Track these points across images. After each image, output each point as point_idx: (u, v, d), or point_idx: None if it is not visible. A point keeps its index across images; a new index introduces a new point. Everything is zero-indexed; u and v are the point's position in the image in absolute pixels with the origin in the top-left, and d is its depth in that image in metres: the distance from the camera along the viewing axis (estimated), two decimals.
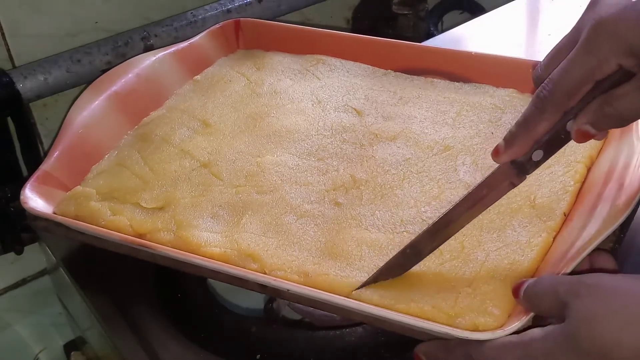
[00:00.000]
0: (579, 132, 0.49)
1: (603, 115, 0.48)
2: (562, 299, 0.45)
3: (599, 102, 0.48)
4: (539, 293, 0.48)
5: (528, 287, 0.49)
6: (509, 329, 0.48)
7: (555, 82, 0.49)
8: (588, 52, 0.47)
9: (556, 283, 0.47)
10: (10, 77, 0.83)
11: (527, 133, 0.50)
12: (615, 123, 0.49)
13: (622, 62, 0.46)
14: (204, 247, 0.60)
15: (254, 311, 0.69)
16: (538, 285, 0.48)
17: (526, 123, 0.50)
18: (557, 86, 0.49)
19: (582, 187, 0.63)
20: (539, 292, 0.48)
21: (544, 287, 0.48)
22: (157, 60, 0.81)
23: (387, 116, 0.75)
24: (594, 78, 0.47)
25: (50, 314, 1.04)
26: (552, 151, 0.51)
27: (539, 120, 0.50)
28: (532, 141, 0.51)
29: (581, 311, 0.44)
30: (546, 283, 0.48)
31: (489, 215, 0.61)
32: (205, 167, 0.69)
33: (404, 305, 0.53)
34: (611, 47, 0.46)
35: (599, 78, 0.47)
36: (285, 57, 0.86)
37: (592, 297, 0.44)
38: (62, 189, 0.68)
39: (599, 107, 0.48)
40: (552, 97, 0.49)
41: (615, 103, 0.47)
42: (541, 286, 0.48)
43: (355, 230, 0.61)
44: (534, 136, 0.50)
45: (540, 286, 0.48)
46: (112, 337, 0.67)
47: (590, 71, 0.47)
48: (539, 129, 0.50)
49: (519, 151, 0.51)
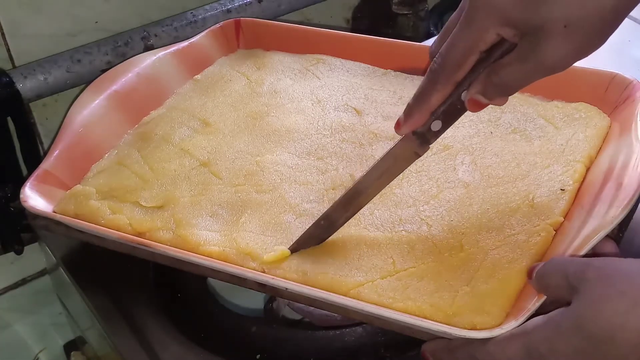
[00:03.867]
0: (471, 101, 0.52)
1: (491, 84, 0.51)
2: (570, 281, 0.46)
3: (486, 72, 0.51)
4: (548, 272, 0.49)
5: (539, 268, 0.50)
6: (506, 327, 0.48)
7: (444, 56, 0.52)
8: (469, 24, 0.50)
9: (565, 263, 0.48)
10: (10, 77, 0.83)
11: (423, 104, 0.54)
12: (502, 91, 0.52)
13: (500, 32, 0.49)
14: (203, 246, 0.60)
15: (254, 311, 0.69)
16: (548, 264, 0.49)
17: (421, 95, 0.54)
18: (445, 59, 0.52)
19: (581, 187, 0.63)
20: (548, 272, 0.49)
21: (553, 267, 0.49)
22: (157, 59, 0.81)
23: (387, 116, 0.75)
24: (478, 49, 0.50)
25: (50, 314, 1.04)
26: (450, 121, 0.54)
27: (433, 91, 0.53)
28: (428, 112, 0.54)
29: (589, 293, 0.44)
30: (555, 263, 0.49)
31: (487, 214, 0.61)
32: (205, 166, 0.69)
33: (402, 303, 0.53)
34: (488, 18, 0.49)
35: (483, 49, 0.50)
36: (285, 57, 0.86)
37: (600, 280, 0.44)
38: (62, 187, 0.68)
39: (487, 77, 0.51)
40: (442, 69, 0.52)
41: (501, 72, 0.50)
42: (550, 265, 0.49)
43: (354, 229, 0.61)
44: (429, 107, 0.54)
45: (549, 265, 0.49)
46: (112, 337, 0.67)
47: (473, 42, 0.50)
48: (432, 100, 0.53)
49: (417, 122, 0.54)
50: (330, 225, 0.60)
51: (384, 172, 0.58)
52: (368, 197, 0.59)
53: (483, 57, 0.51)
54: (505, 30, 0.49)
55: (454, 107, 0.53)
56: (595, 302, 0.43)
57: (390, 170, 0.58)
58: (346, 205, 0.59)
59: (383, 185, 0.59)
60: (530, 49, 0.48)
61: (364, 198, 0.59)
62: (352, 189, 0.59)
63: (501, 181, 0.64)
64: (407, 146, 0.56)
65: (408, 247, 0.58)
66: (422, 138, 0.55)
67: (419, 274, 0.56)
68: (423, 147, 0.56)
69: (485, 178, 0.65)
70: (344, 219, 0.60)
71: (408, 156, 0.57)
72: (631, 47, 0.98)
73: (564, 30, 0.47)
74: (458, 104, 0.53)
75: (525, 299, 0.52)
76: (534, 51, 0.48)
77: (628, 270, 0.44)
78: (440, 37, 0.55)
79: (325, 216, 0.60)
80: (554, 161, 0.66)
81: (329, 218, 0.60)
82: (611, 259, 0.47)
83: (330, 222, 0.60)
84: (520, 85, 0.51)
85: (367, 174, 0.58)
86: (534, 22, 0.47)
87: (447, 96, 0.53)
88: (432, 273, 0.56)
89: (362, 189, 0.59)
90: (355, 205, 0.59)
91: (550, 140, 0.69)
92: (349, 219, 0.60)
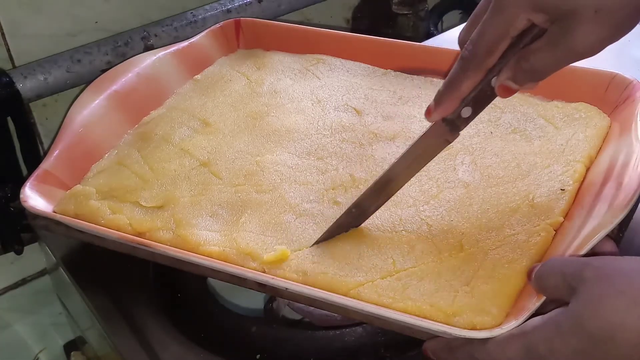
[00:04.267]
0: (501, 87, 0.53)
1: (521, 70, 0.51)
2: (569, 281, 0.46)
3: (517, 58, 0.52)
4: (546, 273, 0.49)
5: (538, 269, 0.50)
6: (506, 327, 0.48)
7: (475, 43, 0.52)
8: (500, 10, 0.51)
9: (563, 264, 0.48)
10: (10, 77, 0.83)
11: (454, 92, 0.54)
12: (532, 77, 0.52)
13: (530, 17, 0.50)
14: (203, 246, 0.60)
15: (254, 311, 0.69)
16: (545, 265, 0.49)
17: (452, 83, 0.54)
18: (476, 46, 0.52)
19: (581, 187, 0.63)
20: (546, 272, 0.49)
21: (550, 268, 0.49)
22: (157, 59, 0.81)
23: (387, 115, 0.75)
24: (509, 35, 0.51)
25: (50, 314, 1.04)
26: (479, 107, 0.55)
27: (464, 79, 0.53)
28: (458, 99, 0.54)
29: (587, 293, 0.44)
30: (553, 263, 0.49)
31: (487, 214, 0.61)
32: (205, 166, 0.69)
33: (402, 303, 0.53)
34: (519, 3, 0.50)
35: (513, 34, 0.51)
36: (285, 57, 0.86)
37: (598, 279, 0.44)
38: (62, 187, 0.68)
39: (517, 63, 0.51)
40: (473, 56, 0.52)
41: (531, 58, 0.51)
42: (548, 266, 0.49)
43: (354, 229, 0.61)
44: (460, 94, 0.54)
45: (547, 266, 0.49)
46: (112, 337, 0.67)
47: (504, 29, 0.51)
48: (463, 87, 0.54)
49: (448, 109, 0.55)
50: (361, 214, 0.60)
51: (414, 159, 0.59)
52: (398, 184, 0.60)
53: (513, 43, 0.52)
54: (535, 15, 0.49)
55: (484, 93, 0.54)
56: (594, 301, 0.43)
57: (420, 158, 0.59)
58: (377, 193, 0.60)
59: (413, 173, 0.60)
60: (561, 34, 0.49)
61: (394, 186, 0.60)
62: (383, 176, 0.59)
63: (501, 181, 0.64)
64: (437, 133, 0.57)
65: (408, 247, 0.58)
66: (452, 125, 0.56)
67: (419, 274, 0.56)
68: (453, 134, 0.56)
69: (485, 178, 0.65)
70: (375, 207, 0.60)
71: (438, 143, 0.57)
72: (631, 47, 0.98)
73: (595, 16, 0.47)
74: (488, 90, 0.54)
75: (525, 299, 0.52)
76: (564, 37, 0.49)
77: (626, 269, 0.44)
78: (469, 24, 0.56)
79: (356, 204, 0.60)
80: (554, 161, 0.66)
81: (360, 206, 0.60)
82: (609, 257, 0.47)
83: (362, 210, 0.60)
84: (550, 71, 0.51)
85: (397, 161, 0.59)
86: (565, 7, 0.48)
87: (477, 83, 0.53)
88: (432, 273, 0.56)
89: (392, 176, 0.59)
90: (385, 193, 0.60)
91: (550, 140, 0.69)
92: (379, 207, 0.61)
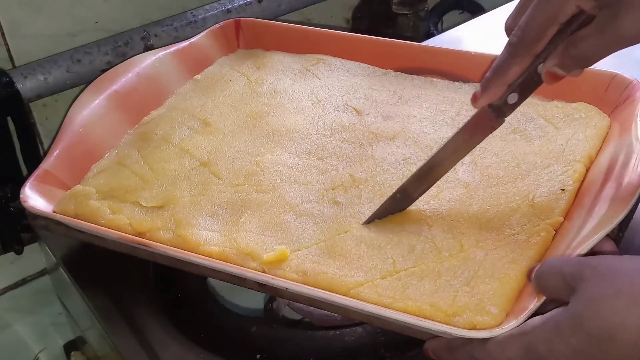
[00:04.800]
0: (549, 74, 0.53)
1: (569, 56, 0.52)
2: (568, 281, 0.46)
3: (564, 44, 0.52)
4: (545, 273, 0.49)
5: (537, 269, 0.50)
6: (506, 327, 0.48)
7: (524, 29, 0.53)
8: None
9: (561, 263, 0.48)
10: (10, 77, 0.83)
11: (501, 77, 0.54)
12: (580, 64, 0.52)
13: (579, 3, 0.50)
14: (203, 246, 0.60)
15: (254, 311, 0.69)
16: (544, 266, 0.50)
17: (499, 68, 0.54)
18: (524, 32, 0.53)
19: (581, 187, 0.63)
20: (545, 273, 0.49)
21: (549, 268, 0.49)
22: (157, 59, 0.81)
23: (387, 115, 0.75)
24: (557, 21, 0.51)
25: (50, 314, 1.04)
26: (526, 94, 0.55)
27: (511, 64, 0.54)
28: (505, 85, 0.55)
29: (586, 292, 0.44)
30: (552, 263, 0.49)
31: (487, 214, 0.61)
32: (205, 166, 0.69)
33: (402, 303, 0.53)
34: None
35: (562, 20, 0.51)
36: (285, 57, 0.86)
37: (596, 278, 0.44)
38: (62, 187, 0.68)
39: (565, 49, 0.52)
40: (521, 42, 0.53)
41: (580, 44, 0.51)
42: (546, 266, 0.49)
43: (354, 229, 0.61)
44: (507, 80, 0.55)
45: (546, 266, 0.49)
46: (112, 337, 0.67)
47: (553, 14, 0.51)
48: (511, 73, 0.54)
49: (494, 95, 0.55)
50: (405, 199, 0.61)
51: (459, 145, 0.59)
52: (443, 170, 0.61)
53: (560, 30, 0.52)
54: (584, 2, 0.50)
55: (531, 79, 0.54)
56: (593, 301, 0.43)
57: (466, 144, 0.59)
58: (421, 178, 0.61)
59: (458, 159, 0.60)
60: (610, 20, 0.49)
61: (439, 171, 0.60)
62: (428, 162, 0.60)
63: (501, 181, 0.64)
64: (483, 119, 0.57)
65: (408, 247, 0.58)
66: (498, 111, 0.56)
67: (419, 274, 0.56)
68: (498, 120, 0.57)
69: (485, 178, 0.65)
70: (419, 193, 0.61)
71: (484, 129, 0.58)
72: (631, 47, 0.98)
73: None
74: (534, 77, 0.54)
75: (525, 299, 0.52)
76: (613, 23, 0.49)
77: (626, 268, 0.44)
78: (516, 11, 0.56)
79: (401, 190, 0.61)
80: (554, 161, 0.66)
81: (404, 191, 0.61)
82: (607, 256, 0.47)
83: (406, 195, 0.61)
84: (598, 57, 0.52)
85: (442, 147, 0.59)
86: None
87: (525, 69, 0.54)
88: (432, 273, 0.56)
89: (437, 162, 0.60)
90: (430, 179, 0.61)
91: (550, 140, 0.69)
92: (423, 192, 0.61)
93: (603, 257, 0.47)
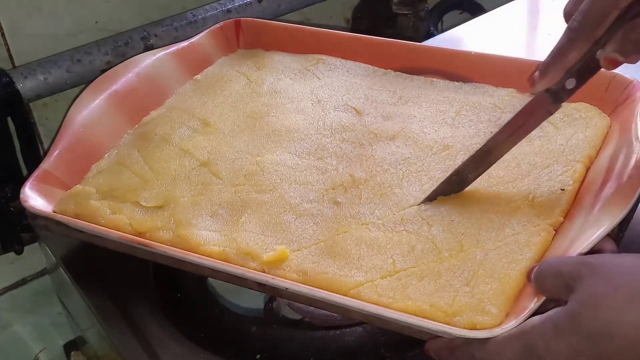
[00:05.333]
0: (608, 59, 0.53)
1: (629, 42, 0.52)
2: (566, 280, 0.46)
3: (624, 30, 0.52)
4: (543, 273, 0.49)
5: (536, 269, 0.50)
6: (506, 327, 0.48)
7: (584, 13, 0.53)
8: None
9: (559, 263, 0.48)
10: (10, 77, 0.83)
11: (560, 62, 0.55)
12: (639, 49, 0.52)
13: None
14: (203, 246, 0.60)
15: (254, 311, 0.69)
16: (542, 266, 0.50)
17: (559, 53, 0.55)
18: (585, 17, 0.53)
19: (581, 187, 0.63)
20: (543, 273, 0.49)
21: (547, 268, 0.49)
22: (157, 59, 0.81)
23: (387, 115, 0.75)
24: (618, 5, 0.51)
25: (50, 314, 1.04)
26: (584, 79, 0.56)
27: (571, 49, 0.54)
28: (564, 70, 0.55)
29: (584, 291, 0.44)
30: (549, 263, 0.50)
31: (487, 214, 0.61)
32: (205, 166, 0.69)
33: (402, 303, 0.53)
34: None
35: (623, 5, 0.51)
36: (285, 57, 0.86)
37: (595, 276, 0.44)
38: (62, 187, 0.68)
39: (625, 35, 0.52)
40: (581, 27, 0.53)
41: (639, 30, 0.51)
42: (545, 266, 0.49)
43: (354, 229, 0.61)
44: (566, 65, 0.55)
45: (543, 266, 0.49)
46: (112, 337, 0.67)
47: None
48: (570, 58, 0.54)
49: (552, 79, 0.56)
50: (461, 181, 0.62)
51: (515, 129, 0.59)
52: (499, 154, 0.61)
53: (620, 16, 0.52)
54: None
55: (589, 65, 0.55)
56: (591, 299, 0.43)
57: (522, 128, 0.59)
58: (477, 162, 0.61)
59: (514, 143, 0.60)
60: None
61: (495, 155, 0.61)
62: (484, 146, 0.61)
63: (501, 181, 0.64)
64: (540, 104, 0.58)
65: (408, 247, 0.58)
66: (556, 96, 0.56)
67: (419, 273, 0.56)
68: (556, 105, 0.57)
69: (485, 178, 0.65)
70: (474, 176, 0.62)
71: (541, 114, 0.58)
72: None
73: None
74: (592, 63, 0.54)
75: (525, 299, 0.52)
76: None
77: (622, 265, 0.44)
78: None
79: (457, 172, 0.62)
80: (554, 161, 0.66)
81: (460, 174, 0.62)
82: (605, 254, 0.47)
83: (462, 178, 0.62)
84: None
85: (499, 131, 0.60)
86: None
87: (584, 54, 0.54)
88: (432, 273, 0.56)
89: (494, 145, 0.60)
90: (486, 163, 0.61)
91: (550, 140, 0.69)
92: (479, 175, 0.62)
93: (601, 255, 0.47)
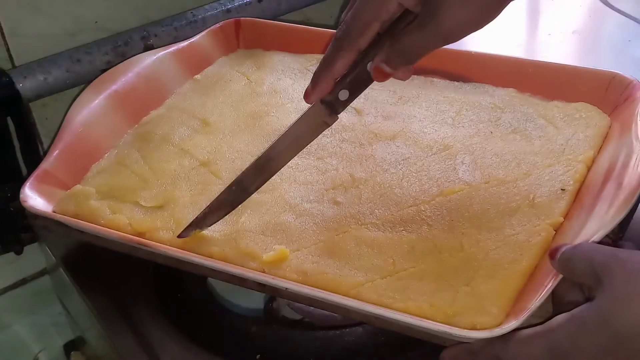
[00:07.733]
0: (376, 70, 0.54)
1: (393, 51, 0.53)
2: (596, 270, 0.45)
3: (390, 40, 0.53)
4: (575, 258, 0.48)
5: (565, 251, 0.49)
6: (507, 327, 0.48)
7: (348, 23, 0.54)
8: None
9: (593, 251, 0.47)
10: (10, 77, 0.82)
11: (328, 71, 0.56)
12: (404, 59, 0.53)
13: (401, 1, 0.52)
14: (202, 246, 0.60)
15: (254, 311, 0.69)
16: (576, 249, 0.49)
17: (326, 62, 0.56)
18: (349, 26, 0.54)
19: (581, 187, 0.63)
20: (575, 257, 0.48)
21: (580, 253, 0.48)
22: (157, 59, 0.81)
23: (387, 115, 0.75)
24: (380, 17, 0.53)
25: (50, 314, 1.04)
26: (356, 91, 0.57)
27: (337, 58, 0.55)
28: (333, 79, 0.56)
29: (613, 288, 0.44)
30: (583, 248, 0.49)
31: (488, 214, 0.61)
32: (205, 166, 0.69)
33: (402, 303, 0.53)
34: None
35: (385, 18, 0.53)
36: (285, 57, 0.86)
37: (625, 274, 0.44)
38: (61, 187, 0.68)
39: (390, 45, 0.53)
40: (345, 36, 0.54)
41: (402, 39, 0.52)
42: (578, 251, 0.49)
43: (354, 229, 0.61)
44: (334, 74, 0.56)
45: (577, 251, 0.49)
46: (112, 337, 0.67)
47: (375, 11, 0.53)
48: (337, 67, 0.55)
49: (323, 90, 0.57)
50: (242, 191, 0.61)
51: (294, 140, 0.60)
52: (279, 164, 0.61)
53: (388, 29, 0.54)
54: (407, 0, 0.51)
55: (361, 77, 0.55)
56: (620, 297, 0.43)
57: (300, 139, 0.60)
58: (258, 171, 0.61)
59: (293, 153, 0.61)
60: (429, 16, 0.50)
61: (275, 165, 0.61)
62: (264, 155, 0.61)
63: (501, 181, 0.64)
64: (315, 114, 0.58)
65: (408, 247, 0.58)
66: (331, 107, 0.57)
67: (419, 274, 0.56)
68: (332, 117, 0.58)
69: (485, 178, 0.65)
70: (255, 186, 0.61)
71: (317, 125, 0.59)
72: (631, 47, 0.98)
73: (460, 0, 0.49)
74: (364, 75, 0.55)
75: (525, 299, 0.52)
76: (432, 18, 0.50)
77: None
78: (349, 6, 0.57)
79: (237, 182, 0.61)
80: (554, 161, 0.66)
81: (240, 184, 0.61)
82: (637, 252, 0.46)
83: (242, 188, 0.61)
84: (419, 53, 0.53)
85: (278, 140, 0.60)
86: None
87: (351, 63, 0.55)
88: (432, 273, 0.56)
89: (273, 155, 0.60)
90: (266, 172, 0.61)
91: (550, 140, 0.69)
92: (261, 185, 0.61)
93: (634, 253, 0.46)
